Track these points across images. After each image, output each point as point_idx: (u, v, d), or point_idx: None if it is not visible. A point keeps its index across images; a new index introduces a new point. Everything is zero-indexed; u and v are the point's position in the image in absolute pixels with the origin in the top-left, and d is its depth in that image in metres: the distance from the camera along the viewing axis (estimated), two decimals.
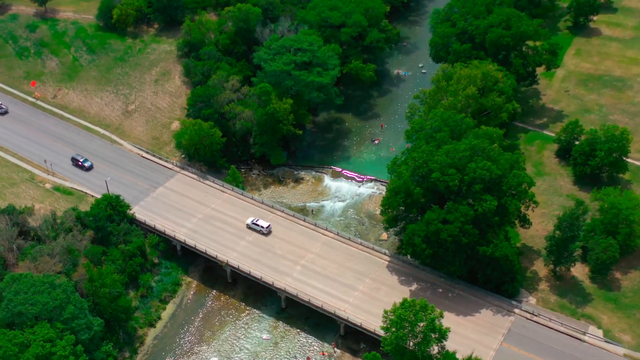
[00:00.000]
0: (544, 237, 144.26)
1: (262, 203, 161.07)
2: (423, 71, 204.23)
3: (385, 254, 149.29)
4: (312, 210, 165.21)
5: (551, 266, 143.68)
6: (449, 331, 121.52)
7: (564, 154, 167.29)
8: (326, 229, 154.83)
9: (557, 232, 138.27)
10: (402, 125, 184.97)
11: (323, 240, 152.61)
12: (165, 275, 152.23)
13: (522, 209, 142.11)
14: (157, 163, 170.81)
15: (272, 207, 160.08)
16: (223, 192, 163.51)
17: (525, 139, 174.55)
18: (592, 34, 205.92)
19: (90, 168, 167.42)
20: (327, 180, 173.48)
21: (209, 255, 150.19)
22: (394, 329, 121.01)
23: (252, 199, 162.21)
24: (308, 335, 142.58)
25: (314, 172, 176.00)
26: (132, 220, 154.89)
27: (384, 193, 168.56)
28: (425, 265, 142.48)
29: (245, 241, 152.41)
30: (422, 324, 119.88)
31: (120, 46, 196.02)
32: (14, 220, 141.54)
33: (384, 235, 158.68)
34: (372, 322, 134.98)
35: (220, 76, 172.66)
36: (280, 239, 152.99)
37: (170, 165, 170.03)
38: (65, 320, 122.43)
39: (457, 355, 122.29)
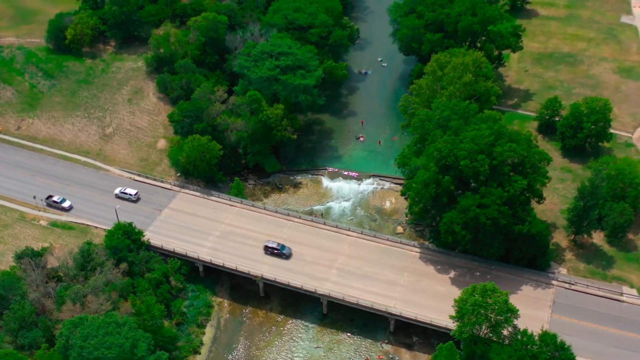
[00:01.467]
0: (559, 210, 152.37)
1: (276, 212, 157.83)
2: (383, 64, 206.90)
3: (414, 245, 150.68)
4: (322, 213, 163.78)
5: (572, 236, 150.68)
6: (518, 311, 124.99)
7: (547, 129, 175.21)
8: (349, 229, 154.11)
9: (579, 202, 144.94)
10: (381, 119, 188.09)
11: (349, 241, 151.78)
12: (195, 299, 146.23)
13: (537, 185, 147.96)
14: (153, 185, 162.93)
15: (288, 214, 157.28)
16: (232, 206, 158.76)
17: (503, 120, 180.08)
18: (531, 15, 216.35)
19: (289, 256, 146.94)
20: (326, 182, 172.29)
21: (241, 272, 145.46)
22: (468, 317, 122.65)
23: (264, 209, 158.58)
24: (358, 337, 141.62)
25: (310, 176, 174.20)
26: (149, 246, 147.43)
27: (385, 187, 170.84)
28: (465, 251, 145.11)
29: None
30: (495, 307, 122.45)
31: (80, 68, 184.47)
32: (40, 264, 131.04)
33: (400, 229, 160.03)
34: (425, 313, 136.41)
35: (206, 88, 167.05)
36: (307, 245, 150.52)
37: (168, 186, 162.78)
38: (141, 358, 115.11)
39: None
